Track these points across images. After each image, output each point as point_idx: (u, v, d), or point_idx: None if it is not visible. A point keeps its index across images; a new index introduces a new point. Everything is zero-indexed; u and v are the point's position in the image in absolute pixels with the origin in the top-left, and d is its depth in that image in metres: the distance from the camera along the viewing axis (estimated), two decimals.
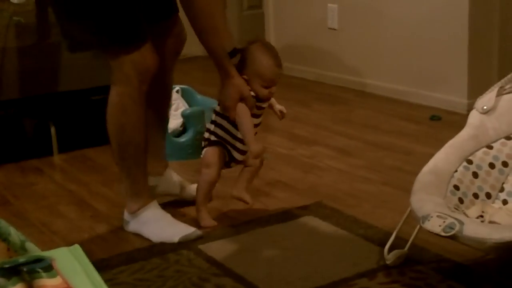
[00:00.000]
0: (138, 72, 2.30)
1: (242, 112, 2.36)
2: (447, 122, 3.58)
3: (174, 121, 3.34)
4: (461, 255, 2.12)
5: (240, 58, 2.38)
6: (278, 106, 2.51)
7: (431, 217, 1.84)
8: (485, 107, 2.23)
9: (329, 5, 4.50)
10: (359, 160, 3.12)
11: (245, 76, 2.37)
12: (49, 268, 1.28)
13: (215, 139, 2.47)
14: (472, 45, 3.73)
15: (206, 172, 2.50)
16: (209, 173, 2.49)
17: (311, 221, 2.49)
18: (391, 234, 2.11)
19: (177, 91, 3.50)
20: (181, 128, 3.35)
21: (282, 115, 2.51)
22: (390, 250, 2.09)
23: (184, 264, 2.21)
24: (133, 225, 2.47)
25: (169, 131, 3.28)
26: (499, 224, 1.97)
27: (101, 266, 2.20)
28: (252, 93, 2.38)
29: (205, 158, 2.50)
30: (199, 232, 2.40)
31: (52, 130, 3.39)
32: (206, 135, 2.50)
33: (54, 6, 2.40)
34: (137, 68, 2.29)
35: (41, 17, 3.75)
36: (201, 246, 2.32)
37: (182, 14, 2.40)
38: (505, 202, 2.12)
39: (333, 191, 2.75)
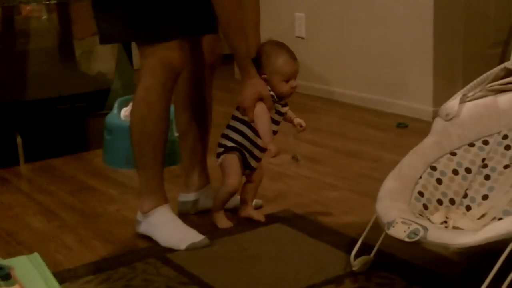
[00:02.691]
0: (164, 67, 2.30)
1: (261, 112, 2.37)
2: (413, 129, 3.63)
3: None
4: (427, 260, 2.16)
5: (255, 59, 2.41)
6: (297, 120, 2.51)
7: (396, 223, 1.87)
8: (448, 115, 2.27)
9: (296, 13, 4.54)
10: (327, 167, 3.15)
11: (264, 76, 2.40)
12: (7, 277, 1.28)
13: (233, 145, 2.47)
14: (437, 53, 3.79)
15: (229, 183, 2.48)
16: (231, 184, 2.48)
17: (279, 228, 2.51)
18: (358, 241, 2.13)
19: None
20: None
21: (302, 128, 2.51)
22: (356, 256, 2.11)
23: (152, 273, 2.21)
24: (144, 226, 2.46)
25: None
26: (463, 229, 2.00)
27: (67, 276, 2.21)
28: (272, 93, 2.41)
29: (226, 168, 2.49)
30: (207, 241, 2.38)
31: (18, 139, 3.37)
32: (222, 141, 2.49)
33: (96, 10, 2.39)
34: (163, 63, 2.30)
35: (6, 26, 3.73)
36: (169, 255, 2.32)
37: None
38: (468, 208, 2.15)
39: (301, 198, 2.77)
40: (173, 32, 2.33)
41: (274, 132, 2.46)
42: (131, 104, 3.38)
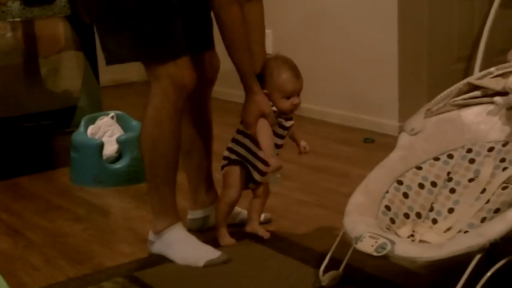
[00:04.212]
0: (176, 87, 2.29)
1: (263, 128, 2.39)
2: (380, 144, 3.66)
3: (110, 147, 3.33)
4: (395, 274, 2.17)
5: (260, 73, 2.43)
6: (303, 143, 2.53)
7: (364, 237, 1.89)
8: (413, 129, 2.30)
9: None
10: (295, 183, 3.16)
11: (265, 91, 2.41)
12: None
13: (236, 158, 2.48)
14: (402, 68, 3.84)
15: (227, 193, 2.49)
16: (230, 195, 2.49)
17: (248, 245, 2.51)
18: (326, 256, 2.14)
19: (112, 117, 3.49)
20: (116, 154, 3.34)
21: (304, 151, 2.53)
22: (325, 271, 2.12)
23: None
24: (158, 246, 2.44)
25: (104, 157, 3.28)
26: (429, 243, 2.03)
27: None
28: (274, 109, 2.42)
29: (226, 179, 2.50)
30: (225, 256, 2.37)
31: None
32: (226, 153, 2.50)
33: (94, 18, 2.38)
34: (175, 82, 2.28)
35: None
36: (137, 274, 2.32)
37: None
38: (434, 221, 2.17)
39: (270, 214, 2.78)
40: (183, 48, 2.32)
41: (279, 146, 2.48)
42: (98, 121, 3.43)
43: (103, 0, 2.30)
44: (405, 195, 2.18)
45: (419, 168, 2.25)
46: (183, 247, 2.40)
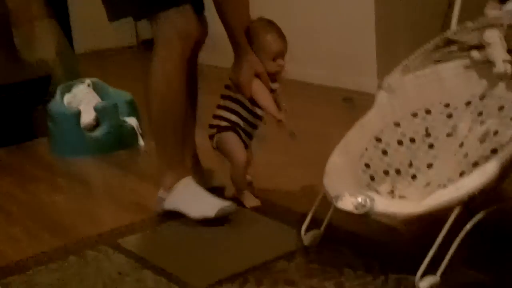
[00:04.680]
0: (180, 36, 2.25)
1: (259, 87, 2.38)
2: (358, 103, 3.66)
3: (87, 116, 3.30)
4: (376, 231, 2.19)
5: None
6: (284, 106, 2.51)
7: (344, 196, 1.89)
8: (390, 86, 2.30)
9: None
10: (275, 146, 3.15)
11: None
12: None
13: (227, 124, 2.45)
14: (379, 25, 3.82)
15: (237, 157, 2.46)
16: (237, 158, 2.46)
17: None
18: (307, 216, 2.15)
19: (88, 85, 3.46)
20: (94, 123, 3.31)
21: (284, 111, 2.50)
22: (306, 231, 2.14)
23: (103, 260, 2.20)
24: (169, 202, 2.41)
25: (82, 125, 3.25)
26: (409, 198, 2.04)
27: (16, 268, 2.19)
28: None
29: (227, 146, 2.47)
30: (235, 206, 2.37)
31: None
32: (215, 121, 2.47)
33: None
34: (179, 32, 2.25)
35: None
36: (119, 241, 2.32)
37: None
38: (414, 177, 2.19)
39: (251, 178, 2.78)
40: None
41: None
42: (73, 89, 3.40)
43: None
44: (384, 152, 2.19)
45: (397, 124, 2.25)
46: (194, 199, 2.38)
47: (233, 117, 2.46)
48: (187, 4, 2.28)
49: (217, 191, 2.52)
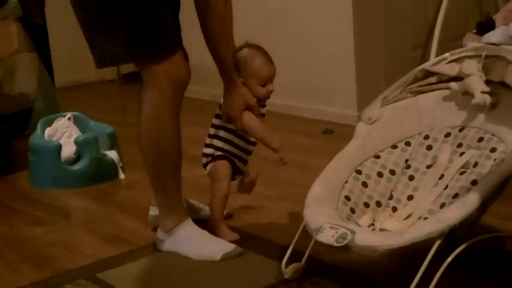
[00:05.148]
0: (172, 83, 2.24)
1: (250, 119, 2.38)
2: (339, 135, 3.66)
3: (68, 149, 3.29)
4: (357, 264, 2.17)
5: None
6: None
7: (324, 228, 1.88)
8: (370, 118, 2.30)
9: None
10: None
11: (241, 79, 2.39)
12: None
13: (220, 153, 2.45)
14: (359, 57, 3.84)
15: (219, 187, 2.46)
16: (222, 188, 2.45)
17: None
18: (288, 249, 2.13)
19: (69, 118, 3.45)
20: (75, 156, 3.30)
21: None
22: (287, 264, 2.11)
23: None
24: (169, 244, 2.38)
25: (63, 159, 3.23)
26: (390, 231, 2.03)
27: None
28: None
29: (215, 173, 2.47)
30: (240, 249, 2.34)
31: None
32: (209, 150, 2.47)
33: (83, 20, 2.29)
34: (171, 79, 2.24)
35: None
36: (99, 275, 2.28)
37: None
38: (394, 209, 2.18)
39: (231, 209, 2.76)
40: (176, 42, 2.29)
41: None
42: (54, 123, 3.38)
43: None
44: (364, 184, 2.18)
45: (377, 156, 2.25)
46: (196, 242, 2.36)
47: (227, 146, 2.46)
48: (179, 51, 2.28)
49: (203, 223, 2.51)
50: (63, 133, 3.37)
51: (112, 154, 3.32)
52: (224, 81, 2.39)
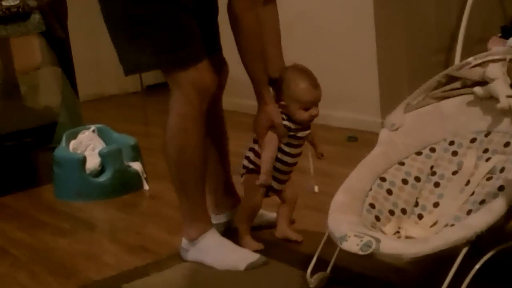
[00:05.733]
0: (198, 91, 2.25)
1: (268, 140, 2.37)
2: (363, 142, 3.63)
3: (92, 161, 3.29)
4: (382, 271, 2.14)
5: (277, 84, 2.39)
6: (320, 148, 2.55)
7: (349, 237, 1.86)
8: (393, 125, 2.28)
9: None
10: None
11: (283, 102, 2.37)
12: None
13: (253, 167, 2.44)
14: (381, 63, 3.81)
15: (248, 201, 2.46)
16: (250, 203, 2.45)
17: None
18: (313, 257, 2.11)
19: (93, 131, 3.46)
20: (99, 168, 3.30)
21: (322, 157, 2.56)
22: (312, 273, 2.09)
23: None
24: (193, 254, 2.39)
25: (87, 171, 3.25)
26: (415, 238, 2.00)
27: None
28: (285, 123, 2.37)
29: (246, 187, 2.47)
30: (264, 259, 2.33)
31: None
32: (245, 162, 2.47)
33: (112, 29, 2.32)
34: (197, 87, 2.25)
35: None
36: (124, 286, 2.28)
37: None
38: (420, 216, 2.15)
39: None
40: (202, 51, 2.28)
41: (294, 155, 2.45)
42: (79, 136, 3.40)
43: (118, 8, 2.25)
44: (389, 192, 2.15)
45: (402, 163, 2.22)
46: (220, 252, 2.35)
47: (259, 161, 2.43)
48: (204, 59, 2.28)
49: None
50: (87, 146, 3.38)
51: (136, 166, 3.33)
52: (256, 96, 2.38)
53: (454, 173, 2.19)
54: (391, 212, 2.12)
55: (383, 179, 2.17)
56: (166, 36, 2.23)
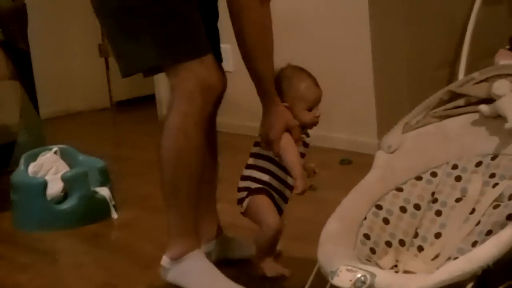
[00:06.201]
0: (202, 89, 2.25)
1: (288, 144, 2.37)
2: (358, 165, 3.65)
3: (54, 186, 3.29)
4: None
5: (275, 86, 2.39)
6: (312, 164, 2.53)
7: (340, 271, 1.86)
8: (390, 147, 2.30)
9: (222, 45, 4.55)
10: None
11: (285, 104, 2.39)
12: None
13: (258, 186, 2.42)
14: (378, 79, 3.84)
15: (269, 224, 2.40)
16: (269, 223, 2.40)
17: None
18: None
19: (55, 152, 3.46)
20: (62, 194, 3.30)
21: (314, 174, 2.55)
22: None
23: None
24: (173, 274, 2.36)
25: (49, 198, 3.24)
26: (415, 273, 2.01)
27: None
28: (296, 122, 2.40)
29: (258, 210, 2.42)
30: None
31: None
32: (244, 183, 2.45)
33: (107, 27, 2.33)
34: (201, 83, 2.24)
35: None
36: None
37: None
38: (420, 248, 2.16)
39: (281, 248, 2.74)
40: (207, 45, 2.29)
41: (302, 155, 2.46)
42: (39, 158, 3.39)
43: (112, 1, 2.26)
44: (386, 221, 2.17)
45: (400, 189, 2.24)
46: (204, 278, 2.34)
47: (265, 177, 2.43)
48: (209, 54, 2.29)
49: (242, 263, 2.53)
50: (49, 169, 3.38)
51: (104, 191, 3.32)
52: (262, 100, 2.39)
53: (458, 200, 2.21)
54: (388, 244, 2.13)
55: (379, 207, 2.18)
56: (168, 28, 2.23)
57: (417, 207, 2.22)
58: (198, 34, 2.28)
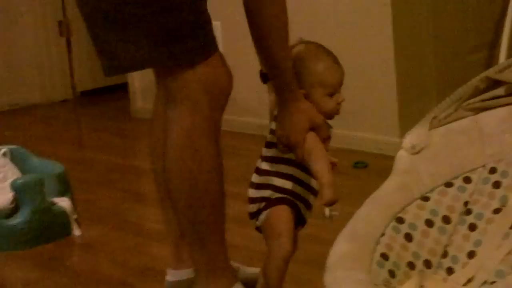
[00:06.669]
0: (209, 95, 2.24)
1: (315, 146, 2.37)
2: (375, 169, 3.67)
3: (2, 197, 3.30)
4: None
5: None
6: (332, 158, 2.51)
7: None
8: (415, 146, 2.30)
9: None
10: None
11: (302, 90, 2.38)
12: None
13: (280, 195, 2.42)
14: (400, 66, 3.85)
15: (280, 244, 2.39)
16: (284, 246, 2.39)
17: None
18: None
19: (4, 154, 3.46)
20: (12, 206, 3.30)
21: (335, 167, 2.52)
22: None
23: None
24: None
25: None
26: None
27: None
28: None
29: (273, 225, 2.41)
30: None
31: None
32: (260, 193, 2.44)
33: (88, 13, 2.30)
34: (208, 89, 2.24)
35: None
36: None
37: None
38: (450, 270, 2.16)
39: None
40: (214, 42, 2.29)
41: None
42: None
43: None
44: (408, 237, 2.17)
45: (425, 198, 2.24)
46: None
47: (289, 185, 2.42)
48: (217, 52, 2.28)
49: None
50: None
51: (63, 203, 3.33)
52: (280, 95, 2.38)
53: (496, 211, 2.21)
54: (411, 266, 2.14)
55: (400, 221, 2.19)
56: (168, 23, 2.22)
57: (446, 220, 2.22)
58: (205, 27, 2.27)
